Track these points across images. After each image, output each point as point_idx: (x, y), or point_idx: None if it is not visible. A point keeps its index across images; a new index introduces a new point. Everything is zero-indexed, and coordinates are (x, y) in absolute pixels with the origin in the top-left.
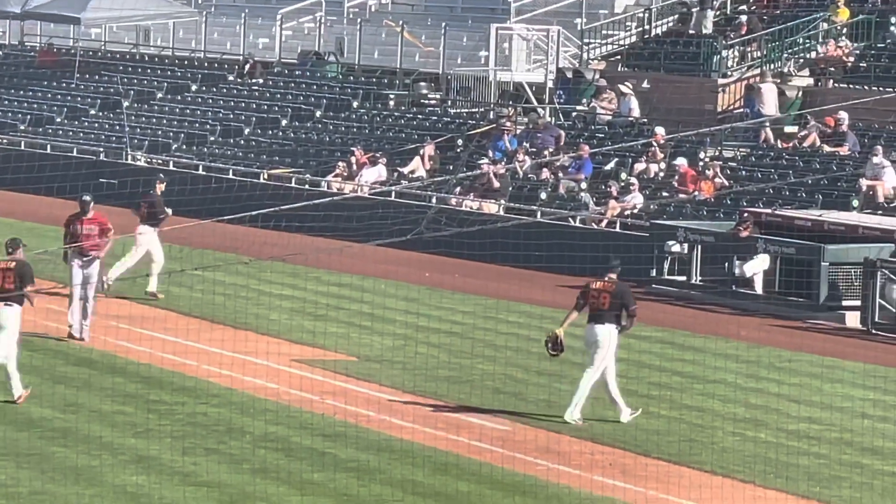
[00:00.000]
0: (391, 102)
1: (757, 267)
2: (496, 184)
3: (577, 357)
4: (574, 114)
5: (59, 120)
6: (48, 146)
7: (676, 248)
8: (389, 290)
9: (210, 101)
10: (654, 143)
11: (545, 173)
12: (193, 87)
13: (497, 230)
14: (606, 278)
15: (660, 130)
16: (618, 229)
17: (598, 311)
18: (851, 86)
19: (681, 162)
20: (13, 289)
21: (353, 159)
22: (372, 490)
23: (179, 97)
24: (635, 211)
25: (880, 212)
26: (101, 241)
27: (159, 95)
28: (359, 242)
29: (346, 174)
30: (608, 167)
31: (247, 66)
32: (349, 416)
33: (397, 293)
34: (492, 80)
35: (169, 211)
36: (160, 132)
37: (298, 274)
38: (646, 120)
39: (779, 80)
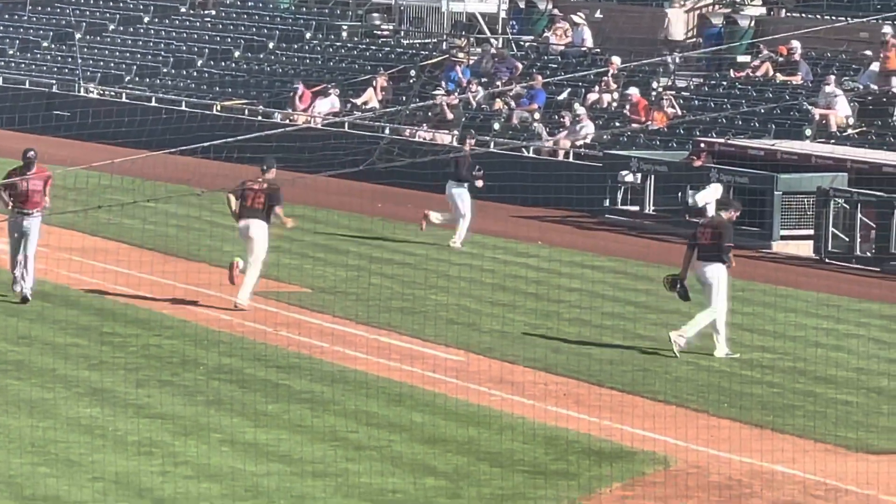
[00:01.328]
0: (344, 33)
1: (710, 196)
2: (449, 115)
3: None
4: (527, 44)
5: (11, 52)
6: (0, 79)
7: (630, 177)
8: (343, 222)
9: (162, 32)
10: (609, 73)
11: (498, 103)
12: (146, 19)
13: (450, 161)
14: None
15: (616, 60)
16: (571, 159)
17: (702, 247)
18: (804, 15)
19: (633, 92)
20: (262, 208)
21: (297, 94)
22: (326, 421)
23: (132, 29)
24: (587, 141)
25: (833, 141)
26: (42, 199)
27: (111, 27)
28: (311, 174)
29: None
30: (561, 97)
31: None
32: (303, 347)
33: (350, 224)
34: (444, 10)
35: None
36: (112, 64)
37: None
38: (599, 50)
39: (731, 10)
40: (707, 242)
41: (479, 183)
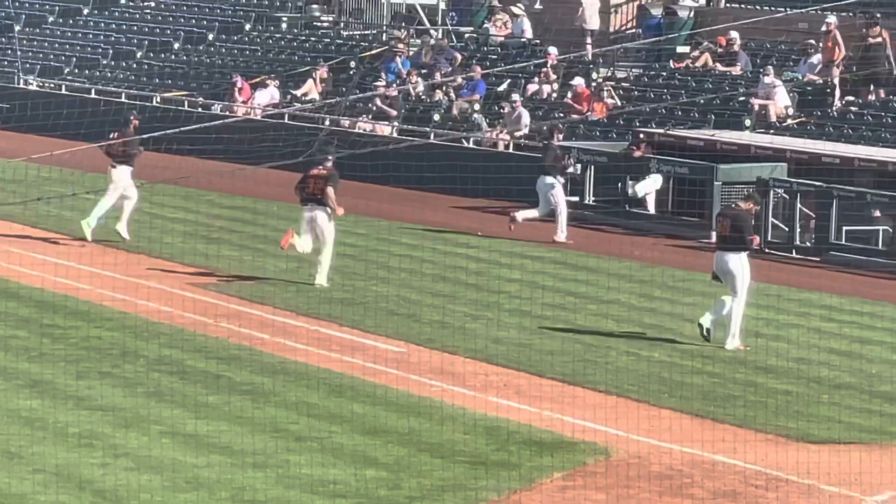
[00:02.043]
0: (284, 25)
1: (650, 187)
2: (392, 111)
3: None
4: (467, 35)
5: None
6: None
7: (570, 168)
8: (283, 213)
9: (102, 24)
10: (548, 64)
11: (438, 94)
12: (85, 11)
13: (390, 152)
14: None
15: (553, 51)
16: (511, 150)
17: (722, 238)
18: (743, 5)
19: (578, 82)
20: (321, 195)
21: (236, 86)
22: (266, 412)
23: (71, 20)
24: (525, 130)
25: (772, 131)
26: None
27: (51, 19)
28: (251, 165)
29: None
30: (501, 88)
31: None
32: (244, 338)
33: (290, 216)
34: (384, 1)
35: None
36: (52, 56)
37: (191, 197)
38: (539, 41)
39: (670, 1)
40: (726, 234)
41: (571, 169)
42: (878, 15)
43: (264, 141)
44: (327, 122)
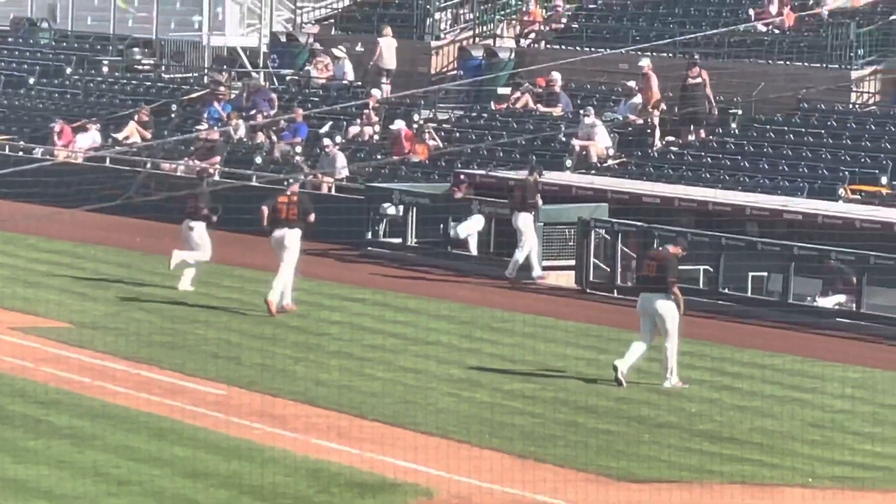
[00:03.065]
0: (105, 68)
1: (471, 228)
2: (214, 153)
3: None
4: (288, 78)
5: None
6: None
7: (392, 210)
8: (104, 256)
9: None
10: (370, 106)
11: (260, 137)
12: None
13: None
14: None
15: (375, 93)
16: (333, 192)
17: (647, 279)
18: (563, 46)
19: (399, 125)
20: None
21: (55, 130)
22: (88, 456)
23: None
24: (344, 171)
25: (593, 171)
26: None
27: None
28: (68, 208)
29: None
30: (323, 131)
31: None
32: (65, 382)
33: (111, 259)
34: (205, 44)
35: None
36: None
37: (12, 241)
38: (360, 83)
39: (491, 42)
40: (653, 275)
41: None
42: (697, 56)
43: (83, 184)
44: (148, 165)
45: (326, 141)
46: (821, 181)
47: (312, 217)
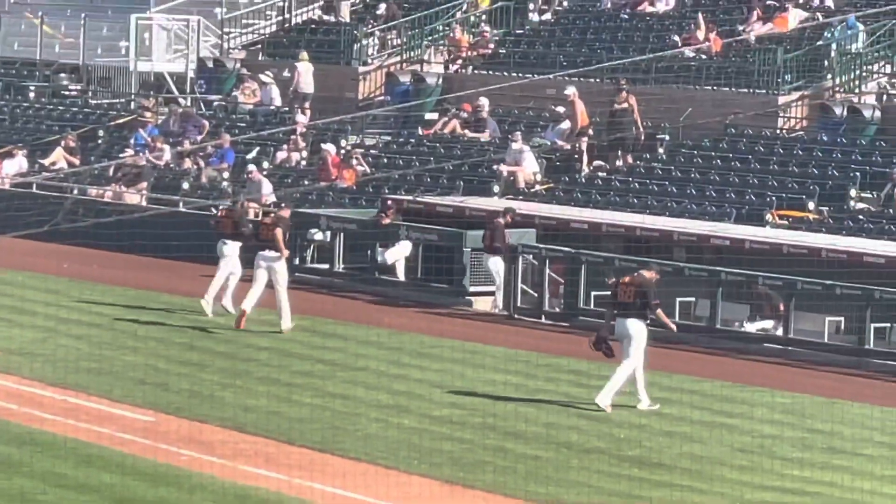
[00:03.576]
0: (31, 94)
1: (399, 254)
2: (142, 178)
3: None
4: (216, 103)
5: None
6: None
7: (319, 236)
8: (30, 283)
9: None
10: (297, 132)
11: (187, 163)
12: None
13: (138, 220)
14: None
15: (301, 119)
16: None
17: (624, 305)
18: (491, 72)
19: (328, 148)
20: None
21: None
22: (15, 483)
23: None
24: (271, 198)
25: (521, 197)
26: None
27: None
28: None
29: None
30: (250, 156)
31: None
32: None
33: (38, 285)
34: (132, 70)
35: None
36: None
37: None
38: (287, 108)
39: (419, 68)
40: (629, 300)
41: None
42: (624, 81)
43: (8, 210)
44: (76, 191)
45: (251, 167)
46: (748, 206)
47: (279, 235)
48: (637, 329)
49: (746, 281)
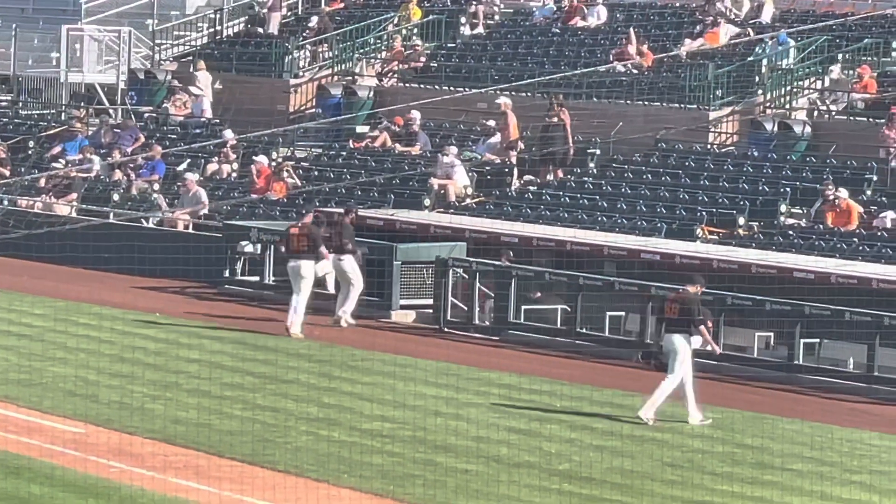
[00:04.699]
0: None
1: (328, 266)
2: (71, 189)
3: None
4: (146, 115)
5: None
6: None
7: (249, 248)
8: None
9: None
10: (227, 144)
11: (118, 174)
12: None
13: (68, 232)
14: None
15: (228, 133)
16: (190, 230)
17: (670, 321)
18: (423, 85)
19: (261, 160)
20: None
21: None
22: None
23: None
24: (206, 210)
25: (452, 210)
26: None
27: None
28: None
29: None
30: (181, 168)
31: None
32: None
33: None
34: (63, 81)
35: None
36: None
37: None
38: (218, 120)
39: (350, 80)
40: (675, 316)
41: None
42: (559, 96)
43: None
44: (5, 202)
45: (189, 175)
46: (678, 221)
47: (323, 249)
48: (681, 344)
49: None
